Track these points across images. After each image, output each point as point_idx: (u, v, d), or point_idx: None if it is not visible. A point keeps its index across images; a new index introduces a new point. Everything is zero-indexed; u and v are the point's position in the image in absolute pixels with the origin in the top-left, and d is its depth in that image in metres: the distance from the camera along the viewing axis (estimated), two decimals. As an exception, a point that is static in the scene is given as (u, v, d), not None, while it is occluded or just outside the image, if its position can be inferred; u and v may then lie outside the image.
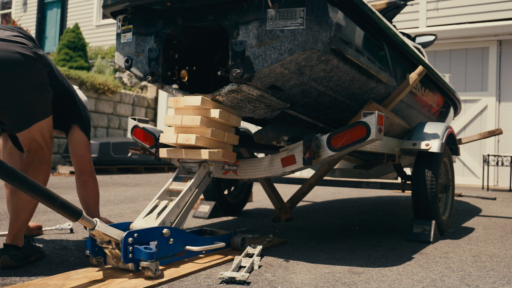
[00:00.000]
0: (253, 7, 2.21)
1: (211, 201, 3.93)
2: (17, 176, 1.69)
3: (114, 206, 4.39)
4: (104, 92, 10.19)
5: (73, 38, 11.13)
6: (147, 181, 7.57)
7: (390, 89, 2.98)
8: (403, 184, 3.49)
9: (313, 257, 2.51)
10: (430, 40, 4.74)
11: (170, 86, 2.60)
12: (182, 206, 2.37)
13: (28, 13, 15.59)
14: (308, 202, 5.23)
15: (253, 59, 2.21)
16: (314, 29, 2.13)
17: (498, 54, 8.28)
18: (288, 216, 3.13)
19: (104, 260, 2.12)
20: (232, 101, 2.48)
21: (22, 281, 1.94)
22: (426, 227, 3.03)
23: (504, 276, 2.22)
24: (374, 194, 6.44)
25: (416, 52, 3.22)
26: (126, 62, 2.64)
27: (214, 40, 2.86)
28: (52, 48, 14.88)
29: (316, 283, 2.01)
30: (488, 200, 5.83)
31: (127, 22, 2.61)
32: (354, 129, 2.34)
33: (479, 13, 8.39)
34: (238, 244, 2.53)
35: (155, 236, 2.12)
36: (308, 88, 2.51)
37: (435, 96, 3.90)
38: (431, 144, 3.05)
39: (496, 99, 8.24)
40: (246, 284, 1.97)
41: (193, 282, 1.98)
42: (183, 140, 2.39)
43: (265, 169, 2.62)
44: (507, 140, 8.12)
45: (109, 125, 10.45)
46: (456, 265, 2.42)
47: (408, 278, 2.14)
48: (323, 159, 2.42)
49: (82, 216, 1.87)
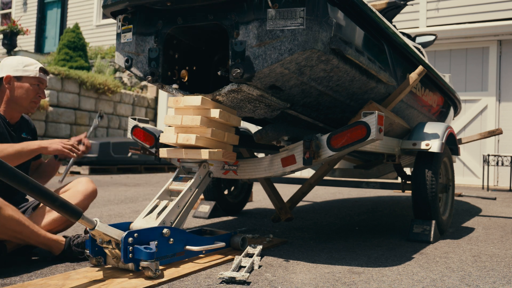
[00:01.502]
0: (253, 7, 2.21)
1: (211, 201, 3.93)
2: (17, 176, 1.69)
3: (114, 206, 4.39)
4: (104, 92, 10.19)
5: (73, 38, 11.13)
6: (147, 181, 7.57)
7: (390, 89, 2.97)
8: (403, 184, 3.49)
9: (313, 257, 2.51)
10: (430, 40, 4.74)
11: (170, 86, 2.60)
12: (182, 206, 2.37)
13: (28, 13, 15.59)
14: (308, 202, 5.23)
15: (253, 59, 2.21)
16: (314, 29, 2.13)
17: (498, 54, 8.28)
18: (288, 216, 3.13)
19: (104, 260, 2.12)
20: (232, 101, 2.48)
21: (22, 281, 1.94)
22: (426, 227, 3.03)
23: (504, 276, 2.22)
24: (374, 194, 6.44)
25: (416, 52, 3.22)
26: (126, 62, 2.64)
27: (214, 40, 2.86)
28: (52, 48, 14.87)
29: (316, 283, 2.01)
30: (488, 200, 5.83)
31: (127, 22, 2.61)
32: (354, 129, 2.33)
33: (479, 13, 8.39)
34: (238, 244, 2.53)
35: (155, 236, 2.12)
36: (308, 88, 2.51)
37: (435, 96, 3.90)
38: (431, 144, 3.05)
39: (496, 99, 8.24)
40: (246, 284, 1.97)
41: (193, 282, 1.98)
42: (183, 140, 2.39)
43: (265, 169, 2.62)
44: (507, 140, 8.12)
45: (109, 125, 10.45)
46: (456, 265, 2.42)
47: (408, 278, 2.14)
48: (323, 159, 2.42)
49: (82, 216, 1.87)
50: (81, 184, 2.46)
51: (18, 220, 2.05)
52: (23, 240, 2.13)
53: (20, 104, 2.37)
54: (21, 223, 2.06)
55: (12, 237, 2.08)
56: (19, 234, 2.07)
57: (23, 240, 2.13)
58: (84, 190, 2.44)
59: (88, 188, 2.46)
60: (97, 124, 2.84)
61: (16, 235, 2.08)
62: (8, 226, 2.02)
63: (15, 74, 2.33)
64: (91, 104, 9.98)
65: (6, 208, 2.01)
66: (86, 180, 2.50)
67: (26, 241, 2.14)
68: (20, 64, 2.34)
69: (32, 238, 2.13)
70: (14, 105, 2.37)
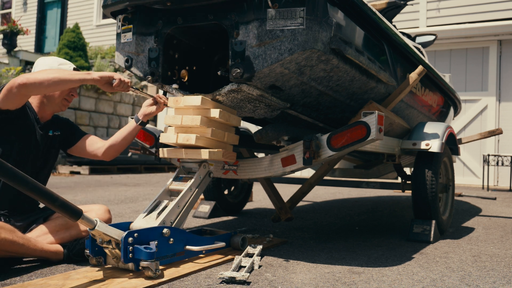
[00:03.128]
0: (253, 7, 2.20)
1: (211, 201, 3.93)
2: (17, 176, 1.69)
3: (114, 206, 4.39)
4: (104, 92, 10.18)
5: (73, 38, 11.13)
6: (147, 181, 7.57)
7: (390, 89, 2.97)
8: (403, 184, 3.49)
9: (313, 257, 2.51)
10: (430, 40, 4.74)
11: (170, 86, 2.60)
12: (182, 206, 2.37)
13: (28, 13, 15.59)
14: (308, 202, 5.23)
15: (253, 59, 2.21)
16: (314, 29, 2.13)
17: (498, 54, 8.28)
18: (288, 216, 3.13)
19: (104, 260, 2.11)
20: (232, 101, 2.48)
21: (22, 281, 1.94)
22: (426, 227, 3.02)
23: (504, 276, 2.22)
24: (374, 194, 6.44)
25: (416, 52, 3.22)
26: (126, 62, 2.64)
27: (214, 40, 2.86)
28: (52, 48, 14.87)
29: (316, 283, 2.01)
30: (488, 200, 5.83)
31: (127, 22, 2.61)
32: (354, 129, 2.33)
33: (479, 13, 8.39)
34: (238, 244, 2.53)
35: (155, 236, 2.12)
36: (308, 88, 2.51)
37: (435, 96, 3.90)
38: (431, 144, 3.05)
39: (496, 99, 8.24)
40: (246, 284, 1.97)
41: (193, 282, 1.98)
42: (183, 140, 2.39)
43: (265, 169, 2.62)
44: (507, 140, 8.12)
45: (109, 125, 10.45)
46: (456, 265, 2.42)
47: (408, 278, 2.14)
48: (323, 159, 2.42)
49: (82, 216, 1.87)
50: (95, 212, 2.42)
51: (12, 241, 2.03)
52: (20, 256, 2.15)
53: (52, 101, 2.38)
54: (15, 243, 2.05)
55: (6, 255, 2.09)
56: (14, 253, 2.08)
57: (20, 256, 2.15)
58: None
59: (104, 218, 2.43)
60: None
61: (11, 254, 2.09)
62: (3, 248, 2.02)
63: None
64: (91, 104, 9.97)
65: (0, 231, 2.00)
66: (103, 210, 2.46)
67: (23, 256, 2.16)
68: (55, 62, 2.41)
69: (29, 254, 2.13)
70: (46, 102, 2.38)
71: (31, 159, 2.34)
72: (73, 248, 2.25)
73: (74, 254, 2.24)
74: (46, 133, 2.41)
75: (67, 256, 2.24)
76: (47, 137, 2.42)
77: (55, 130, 2.47)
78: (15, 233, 2.07)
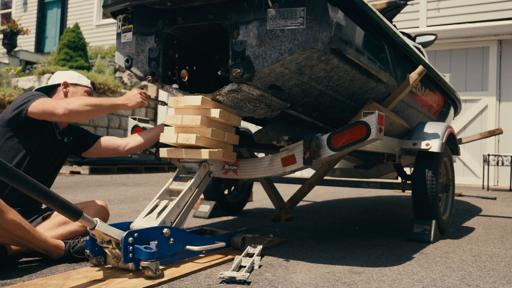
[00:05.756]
0: (253, 6, 2.20)
1: (211, 201, 3.93)
2: (17, 176, 1.69)
3: (114, 205, 4.39)
4: (104, 92, 10.18)
5: (73, 38, 11.13)
6: (147, 180, 7.57)
7: (390, 89, 2.97)
8: (403, 183, 3.49)
9: (313, 256, 2.51)
10: (430, 40, 4.74)
11: (170, 86, 2.59)
12: (183, 205, 2.37)
13: (28, 13, 15.59)
14: (308, 202, 5.23)
15: (253, 59, 2.21)
16: (314, 28, 2.13)
17: (498, 54, 8.27)
18: (288, 215, 3.13)
19: (104, 260, 2.12)
20: (232, 101, 2.48)
21: (22, 281, 1.94)
22: (426, 226, 3.03)
23: (504, 275, 2.22)
24: (374, 194, 6.44)
25: (416, 52, 3.22)
26: (126, 62, 2.64)
27: (214, 40, 2.86)
28: (52, 48, 14.87)
29: (317, 283, 2.01)
30: (488, 200, 5.83)
31: (127, 21, 2.61)
32: (354, 128, 2.33)
33: (479, 13, 8.39)
34: (238, 244, 2.53)
35: (155, 236, 2.12)
36: (308, 88, 2.51)
37: (435, 95, 3.90)
38: (431, 143, 3.05)
39: (496, 98, 8.24)
40: (246, 284, 1.97)
41: (193, 282, 1.98)
42: (183, 139, 2.39)
43: (265, 169, 2.62)
44: (507, 140, 8.11)
45: (109, 125, 10.44)
46: (456, 264, 2.42)
47: (408, 277, 2.14)
48: (323, 158, 2.42)
49: (82, 216, 1.87)
50: (93, 208, 2.53)
51: (20, 224, 2.07)
52: (23, 244, 2.14)
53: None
54: (22, 227, 2.08)
55: (13, 241, 2.10)
56: (20, 238, 2.09)
57: (23, 244, 2.14)
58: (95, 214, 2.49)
59: (101, 214, 2.54)
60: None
61: (17, 240, 2.10)
62: (10, 230, 2.04)
63: (71, 82, 2.64)
64: (91, 104, 9.97)
65: (8, 212, 2.03)
66: (100, 206, 2.57)
67: (27, 245, 2.15)
68: (75, 75, 2.68)
69: (33, 242, 2.14)
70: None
71: (46, 161, 2.50)
72: (74, 246, 2.27)
73: (75, 252, 2.25)
74: (62, 139, 2.59)
75: (68, 252, 2.25)
76: (63, 143, 2.59)
77: (69, 137, 2.64)
78: (21, 217, 2.11)
